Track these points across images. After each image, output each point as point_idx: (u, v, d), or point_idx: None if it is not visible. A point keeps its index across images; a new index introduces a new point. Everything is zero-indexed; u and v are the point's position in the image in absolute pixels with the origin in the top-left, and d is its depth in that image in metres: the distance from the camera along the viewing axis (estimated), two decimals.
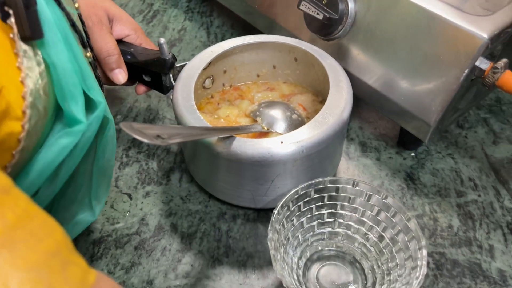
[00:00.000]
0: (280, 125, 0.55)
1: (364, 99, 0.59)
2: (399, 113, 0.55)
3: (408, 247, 0.44)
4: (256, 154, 0.46)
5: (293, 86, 0.62)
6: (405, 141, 0.61)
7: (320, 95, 0.60)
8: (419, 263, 0.42)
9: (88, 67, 0.39)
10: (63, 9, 0.39)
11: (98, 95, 0.38)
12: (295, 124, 0.56)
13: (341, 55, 0.59)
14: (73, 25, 0.41)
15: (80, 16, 0.46)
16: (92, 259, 0.50)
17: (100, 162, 0.43)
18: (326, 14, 0.55)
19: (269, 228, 0.43)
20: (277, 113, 0.56)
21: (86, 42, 0.45)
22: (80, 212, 0.44)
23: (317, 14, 0.56)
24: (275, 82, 0.63)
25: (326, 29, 0.58)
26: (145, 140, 0.33)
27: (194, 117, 0.49)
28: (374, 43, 0.55)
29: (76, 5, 0.45)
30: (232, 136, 0.47)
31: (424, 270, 0.41)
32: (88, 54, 0.45)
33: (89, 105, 0.38)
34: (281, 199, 0.45)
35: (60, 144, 0.36)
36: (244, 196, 0.53)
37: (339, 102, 0.51)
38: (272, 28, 0.68)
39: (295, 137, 0.47)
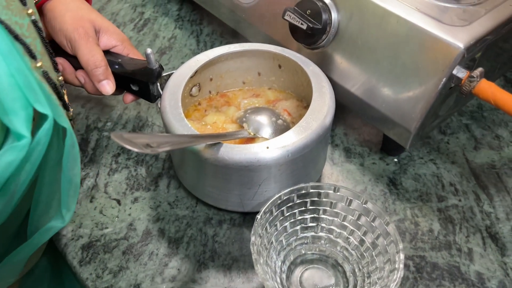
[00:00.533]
0: (266, 131, 0.56)
1: (347, 106, 0.61)
2: (381, 119, 0.57)
3: (387, 250, 0.46)
4: (243, 160, 0.48)
5: (278, 92, 0.64)
6: (388, 147, 0.63)
7: (304, 101, 0.62)
8: (396, 266, 0.43)
9: (35, 79, 0.38)
10: (1, 22, 0.38)
11: (45, 108, 0.37)
12: (280, 129, 0.57)
13: (325, 63, 0.60)
14: (15, 37, 0.40)
15: (35, 22, 0.44)
16: (80, 264, 0.51)
17: (65, 171, 0.42)
18: (309, 24, 0.57)
19: (252, 232, 0.44)
20: (263, 119, 0.58)
21: (34, 53, 0.43)
22: (52, 219, 0.45)
23: (301, 24, 0.58)
24: (261, 88, 0.65)
25: (310, 39, 0.59)
26: (135, 149, 0.34)
27: (182, 125, 0.50)
28: (356, 52, 0.57)
29: (30, 10, 0.44)
30: (219, 142, 0.48)
31: (401, 273, 0.42)
32: (39, 64, 0.43)
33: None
34: (266, 203, 0.47)
35: (4, 160, 0.35)
36: (232, 200, 0.54)
37: (322, 107, 0.52)
38: (260, 37, 0.70)
39: (281, 142, 0.49)
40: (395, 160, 0.62)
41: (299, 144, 0.48)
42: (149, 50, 0.53)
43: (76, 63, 0.55)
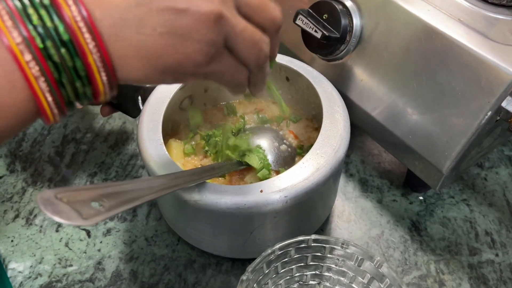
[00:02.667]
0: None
1: (365, 131, 0.51)
2: (406, 153, 0.47)
3: None
4: (230, 205, 0.38)
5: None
6: (413, 182, 0.52)
7: (315, 121, 0.52)
8: None
9: None
10: None
11: None
12: (283, 157, 0.48)
13: (341, 79, 0.50)
14: None
15: None
16: None
17: None
18: (325, 32, 0.47)
19: None
20: (263, 143, 0.48)
21: None
22: None
23: (315, 31, 0.48)
24: (265, 102, 0.55)
25: (325, 49, 0.49)
26: (68, 222, 0.25)
27: (160, 155, 0.41)
28: (380, 68, 0.47)
29: None
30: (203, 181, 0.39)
31: None
32: None
33: None
34: (258, 253, 0.37)
35: None
36: (218, 245, 0.45)
37: (333, 139, 0.42)
38: None
39: (277, 185, 0.39)
40: (420, 198, 0.52)
41: (300, 189, 0.39)
42: None
43: None
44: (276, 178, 0.39)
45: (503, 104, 0.39)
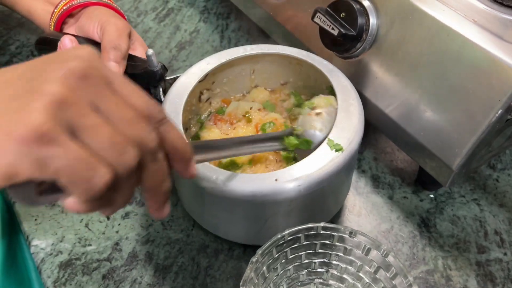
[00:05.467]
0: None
1: (379, 128, 0.52)
2: (417, 149, 0.48)
3: None
4: (247, 193, 0.40)
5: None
6: (425, 180, 0.53)
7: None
8: None
9: None
10: None
11: None
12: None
13: (357, 76, 0.52)
14: None
15: None
16: (55, 285, 0.45)
17: None
18: (342, 30, 0.48)
19: (242, 281, 0.37)
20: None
21: None
22: None
23: (332, 29, 0.49)
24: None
25: (342, 46, 0.51)
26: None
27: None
28: (395, 66, 0.48)
29: None
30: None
31: None
32: None
33: None
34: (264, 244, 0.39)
35: None
36: (233, 231, 0.47)
37: (347, 131, 0.44)
38: (287, 39, 0.61)
39: (292, 173, 0.40)
40: (431, 196, 0.53)
41: (314, 178, 0.40)
42: (150, 51, 0.47)
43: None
44: (290, 168, 0.41)
45: None
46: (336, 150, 0.41)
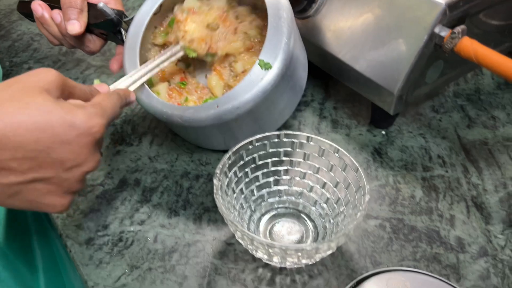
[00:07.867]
0: None
1: (336, 75, 0.61)
2: (366, 84, 0.56)
3: (355, 197, 0.44)
4: (198, 119, 0.48)
5: None
6: (377, 118, 0.61)
7: None
8: (361, 208, 0.41)
9: None
10: None
11: None
12: None
13: (315, 32, 0.61)
14: None
15: None
16: None
17: None
18: None
19: (217, 169, 0.44)
20: None
21: None
22: None
23: None
24: None
25: (299, 6, 0.60)
26: None
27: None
28: (344, 18, 0.57)
29: None
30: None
31: (363, 212, 0.41)
32: None
33: None
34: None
35: None
36: (207, 142, 0.57)
37: (276, 48, 0.48)
38: None
39: (229, 99, 0.48)
40: (383, 132, 0.61)
41: (248, 99, 0.47)
42: (101, 4, 0.53)
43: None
44: (227, 94, 0.48)
45: (436, 30, 0.49)
46: (266, 69, 0.48)
